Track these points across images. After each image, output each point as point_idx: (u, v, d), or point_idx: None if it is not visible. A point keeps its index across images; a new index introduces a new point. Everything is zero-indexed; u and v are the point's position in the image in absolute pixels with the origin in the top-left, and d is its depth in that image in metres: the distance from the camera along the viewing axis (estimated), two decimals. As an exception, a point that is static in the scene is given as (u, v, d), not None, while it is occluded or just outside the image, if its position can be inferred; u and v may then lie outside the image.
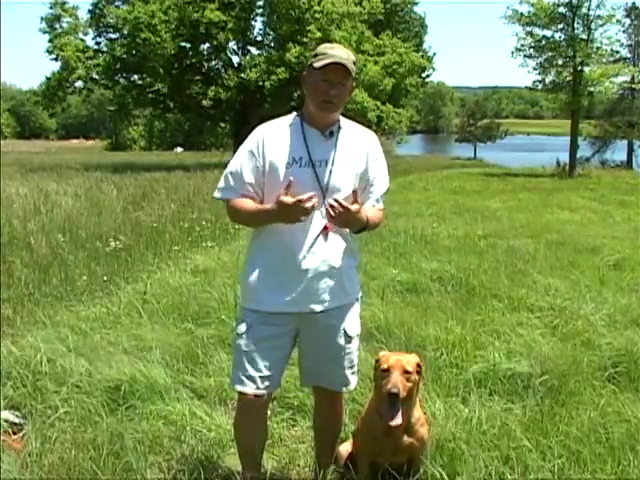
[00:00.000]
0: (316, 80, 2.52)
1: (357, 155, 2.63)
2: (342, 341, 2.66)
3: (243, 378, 2.61)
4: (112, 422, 3.37)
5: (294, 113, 2.68)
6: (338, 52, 2.52)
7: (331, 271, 2.57)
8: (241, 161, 2.59)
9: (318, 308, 2.58)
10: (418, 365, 2.67)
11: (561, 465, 2.89)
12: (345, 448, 2.95)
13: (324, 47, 2.58)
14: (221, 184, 2.62)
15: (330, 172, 2.55)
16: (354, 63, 2.54)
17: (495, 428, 3.18)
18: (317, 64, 2.50)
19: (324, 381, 2.74)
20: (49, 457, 3.00)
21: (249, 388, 2.61)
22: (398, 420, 2.54)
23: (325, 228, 2.54)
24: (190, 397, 3.73)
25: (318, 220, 2.54)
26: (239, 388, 2.64)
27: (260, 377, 2.60)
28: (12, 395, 3.68)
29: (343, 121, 2.67)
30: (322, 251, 2.55)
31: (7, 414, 3.41)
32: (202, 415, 3.46)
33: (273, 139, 2.58)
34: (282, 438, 3.35)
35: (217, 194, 2.65)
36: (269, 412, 3.10)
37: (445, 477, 2.78)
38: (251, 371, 2.59)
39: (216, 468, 2.85)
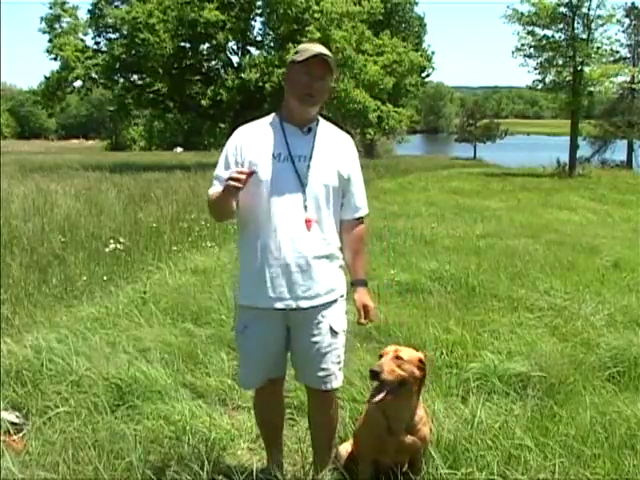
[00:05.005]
0: (298, 74, 2.61)
1: (337, 154, 2.71)
2: (329, 337, 2.69)
3: (246, 374, 2.78)
4: (112, 422, 3.37)
5: (273, 113, 2.77)
6: (319, 48, 2.64)
7: (315, 267, 2.62)
8: (222, 163, 2.69)
9: (304, 305, 2.63)
10: (420, 361, 2.67)
11: (561, 464, 2.89)
12: (345, 448, 2.95)
13: (305, 45, 2.69)
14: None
15: (309, 167, 2.62)
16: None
17: (496, 427, 3.18)
18: (300, 58, 2.59)
19: (310, 380, 2.77)
20: (49, 457, 3.00)
21: (252, 383, 2.81)
22: (378, 397, 2.58)
23: (307, 222, 2.59)
24: (190, 397, 3.73)
25: (299, 215, 2.59)
26: (243, 385, 2.81)
27: (262, 370, 2.72)
28: (12, 395, 3.69)
29: (321, 120, 2.76)
30: (304, 246, 2.60)
31: (7, 414, 3.41)
32: (202, 415, 3.47)
33: (252, 138, 2.68)
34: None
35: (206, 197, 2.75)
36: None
37: (447, 476, 2.78)
38: (252, 366, 2.73)
39: (216, 468, 2.84)
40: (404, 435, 2.67)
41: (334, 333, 2.70)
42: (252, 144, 2.65)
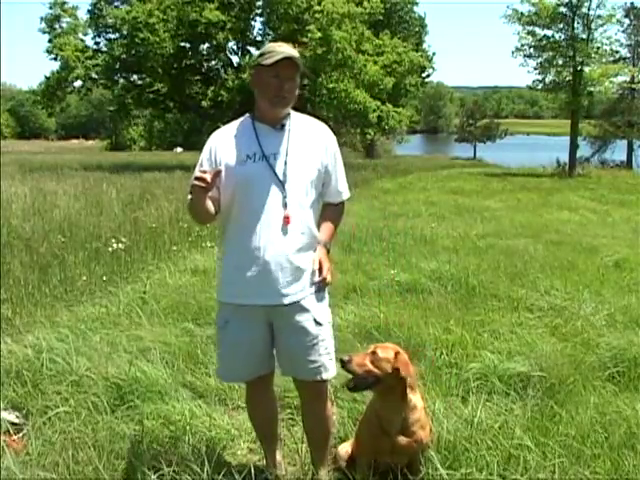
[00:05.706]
0: (267, 77, 2.59)
1: (313, 146, 2.69)
2: (313, 329, 2.67)
3: (228, 370, 2.80)
4: (112, 422, 3.38)
5: (247, 114, 2.75)
6: (286, 49, 2.59)
7: (294, 263, 2.61)
8: (197, 168, 2.65)
9: (285, 301, 2.62)
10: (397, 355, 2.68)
11: (561, 464, 2.89)
12: (345, 449, 2.95)
13: (271, 46, 2.64)
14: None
15: (285, 163, 2.61)
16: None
17: (496, 427, 3.18)
18: (268, 61, 2.56)
19: (301, 372, 2.75)
20: (49, 457, 3.00)
21: (234, 379, 2.93)
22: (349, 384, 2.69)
23: (286, 218, 2.59)
24: (190, 397, 3.73)
25: (278, 212, 2.59)
26: (225, 380, 2.89)
27: (243, 367, 2.74)
28: (12, 395, 3.69)
29: (293, 113, 2.73)
30: (283, 243, 2.60)
31: (7, 414, 3.41)
32: (202, 415, 3.46)
33: (225, 142, 2.67)
34: (282, 438, 3.35)
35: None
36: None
37: (446, 476, 2.78)
38: (234, 363, 2.74)
39: (216, 468, 2.84)
40: (398, 436, 2.67)
41: (319, 325, 2.68)
42: (225, 147, 2.66)
